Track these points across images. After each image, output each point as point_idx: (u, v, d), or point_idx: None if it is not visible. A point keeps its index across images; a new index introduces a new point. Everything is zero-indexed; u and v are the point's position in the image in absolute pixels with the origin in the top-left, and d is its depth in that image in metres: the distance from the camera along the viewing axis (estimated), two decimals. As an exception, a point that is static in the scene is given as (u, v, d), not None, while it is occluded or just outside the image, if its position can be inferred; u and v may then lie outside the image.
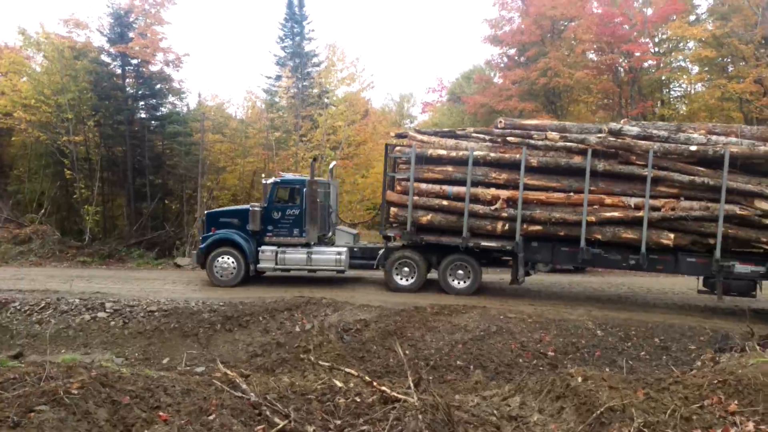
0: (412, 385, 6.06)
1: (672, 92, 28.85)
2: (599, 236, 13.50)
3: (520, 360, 10.96)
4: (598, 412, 5.61)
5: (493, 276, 18.23)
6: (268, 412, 5.49)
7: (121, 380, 6.07)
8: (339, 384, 6.44)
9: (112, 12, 25.32)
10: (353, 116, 28.50)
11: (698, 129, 13.50)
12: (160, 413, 5.41)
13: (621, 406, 5.66)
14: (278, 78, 32.67)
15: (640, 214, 13.06)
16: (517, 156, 13.94)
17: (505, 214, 14.06)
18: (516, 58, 29.27)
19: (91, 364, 9.61)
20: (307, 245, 15.48)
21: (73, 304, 13.39)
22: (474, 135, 15.23)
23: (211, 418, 5.26)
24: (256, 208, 15.50)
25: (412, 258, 15.21)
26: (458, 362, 10.90)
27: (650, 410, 5.66)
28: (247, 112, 30.72)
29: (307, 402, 5.92)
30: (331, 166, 18.40)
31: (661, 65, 25.93)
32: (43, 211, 25.69)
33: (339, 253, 15.47)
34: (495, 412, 6.21)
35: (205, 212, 17.07)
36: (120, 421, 5.20)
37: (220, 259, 15.51)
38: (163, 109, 27.72)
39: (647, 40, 25.41)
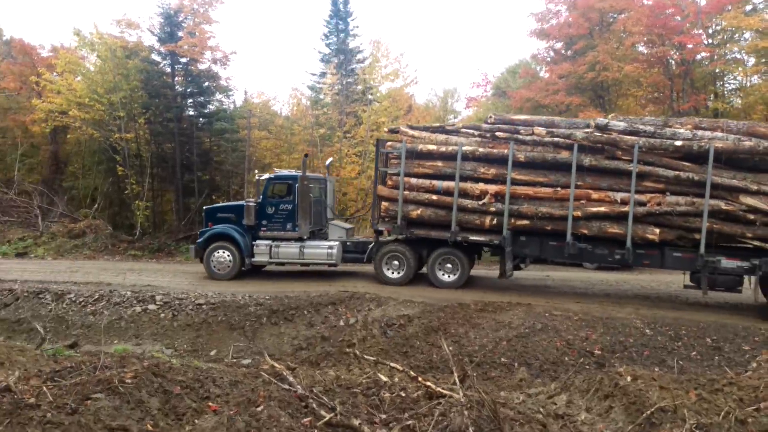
0: (457, 380, 6.04)
1: (726, 85, 27.90)
2: (586, 231, 13.60)
3: (566, 358, 10.80)
4: (649, 412, 5.49)
5: (530, 273, 18.04)
6: (314, 405, 5.55)
7: (172, 371, 6.23)
8: (384, 378, 6.46)
9: (162, 12, 25.93)
10: (397, 112, 28.53)
11: (685, 124, 13.55)
12: (210, 404, 5.53)
13: (672, 407, 5.52)
14: (323, 75, 32.92)
15: (626, 209, 13.12)
16: (505, 151, 14.11)
17: (493, 209, 14.22)
18: (563, 51, 28.77)
19: (143, 355, 9.94)
20: (300, 239, 15.86)
21: (125, 296, 13.81)
22: (464, 130, 15.38)
23: (259, 409, 5.35)
24: (251, 204, 15.92)
25: (401, 251, 15.49)
26: (502, 359, 10.81)
27: (703, 412, 5.51)
28: (292, 109, 31.07)
29: (352, 396, 5.96)
30: (327, 162, 18.93)
31: (715, 57, 25.09)
32: (96, 206, 26.56)
33: (330, 247, 15.81)
34: (541, 409, 6.14)
35: (204, 207, 17.63)
36: (171, 410, 5.34)
37: (216, 253, 15.99)
38: (210, 106, 28.27)
39: (700, 31, 24.64)
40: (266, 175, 16.64)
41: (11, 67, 29.62)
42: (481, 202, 14.26)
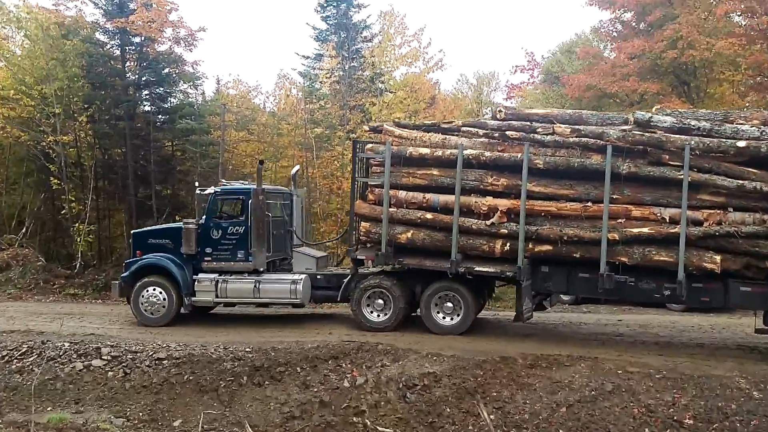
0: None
1: None
2: (625, 259, 13.51)
3: (647, 430, 10.70)
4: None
5: (595, 316, 17.94)
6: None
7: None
8: (406, 458, 6.41)
9: (110, -23, 26.33)
10: (416, 105, 28.67)
11: (750, 119, 13.45)
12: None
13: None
14: (318, 58, 33.17)
15: (677, 229, 13.02)
16: (519, 155, 14.13)
17: (504, 230, 14.22)
18: (633, 24, 28.81)
19: (85, 426, 9.92)
20: (255, 272, 15.91)
21: (61, 349, 13.78)
22: (465, 129, 15.41)
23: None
24: (191, 226, 16.00)
25: (386, 287, 15.48)
26: (561, 431, 10.71)
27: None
28: (280, 102, 31.33)
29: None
30: (293, 171, 18.93)
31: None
32: (24, 230, 26.70)
33: (295, 282, 15.82)
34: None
35: (132, 232, 17.85)
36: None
37: (147, 290, 16.03)
38: (172, 99, 28.60)
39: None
40: (211, 189, 16.75)
41: None
42: (489, 222, 14.27)
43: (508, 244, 14.25)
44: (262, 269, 15.94)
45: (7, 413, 11.85)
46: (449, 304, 15.19)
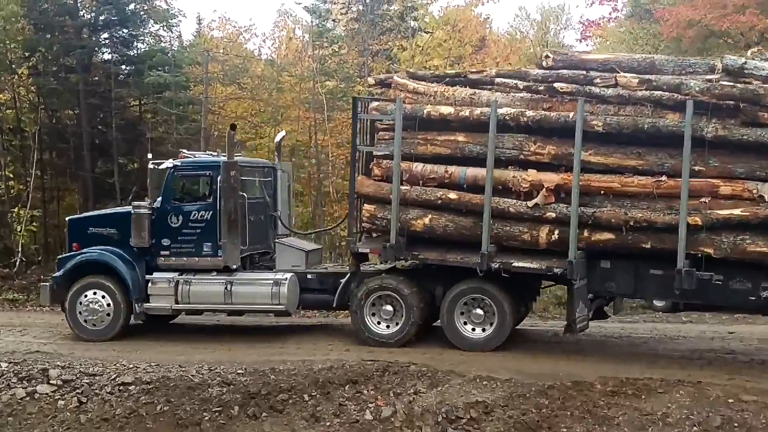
0: None
1: None
2: (710, 250, 13.33)
3: (768, 477, 10.64)
4: None
5: (697, 327, 17.81)
6: None
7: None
8: None
9: None
10: (459, 49, 28.59)
11: None
12: None
13: None
14: (330, -11, 33.16)
15: None
16: (571, 115, 13.88)
17: (552, 214, 14.10)
18: (751, -61, 28.52)
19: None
20: (227, 270, 15.87)
21: (-2, 371, 13.97)
22: (500, 81, 15.25)
23: None
24: (142, 211, 15.94)
25: (397, 289, 15.35)
26: (653, 480, 10.71)
27: None
28: (281, 48, 31.39)
29: None
30: (278, 138, 19.09)
31: None
32: (-53, 217, 26.97)
33: (277, 283, 15.72)
34: None
35: (67, 219, 17.92)
36: None
37: (86, 295, 16.03)
38: (139, 45, 28.80)
39: None
40: (169, 162, 16.57)
41: None
42: (532, 203, 14.17)
43: (556, 232, 14.15)
44: (235, 266, 15.91)
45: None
46: (479, 311, 15.11)
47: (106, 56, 28.10)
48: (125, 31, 27.99)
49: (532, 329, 17.82)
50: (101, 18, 27.45)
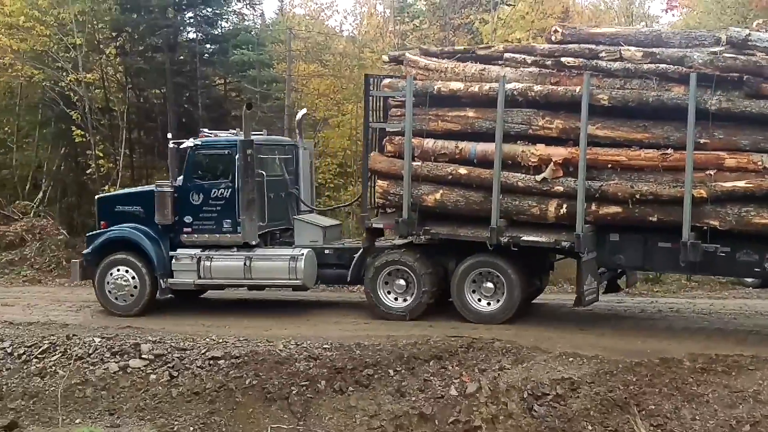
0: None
1: None
2: (716, 222, 13.47)
3: None
4: None
5: None
6: None
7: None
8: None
9: None
10: (542, 22, 28.23)
11: None
12: None
13: None
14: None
15: None
16: (578, 89, 14.06)
17: (560, 188, 14.31)
18: None
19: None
20: (246, 246, 16.24)
21: (91, 345, 14.19)
22: (509, 56, 15.54)
23: None
24: (165, 189, 16.42)
25: (409, 264, 15.63)
26: (744, 457, 10.53)
27: None
28: (362, 24, 31.34)
29: None
30: (299, 116, 19.29)
31: None
32: (40, 195, 27.46)
33: (294, 259, 16.04)
34: None
35: (96, 197, 18.49)
36: None
37: (113, 271, 16.49)
38: (224, 24, 29.06)
39: None
40: (190, 141, 16.98)
41: None
42: (540, 177, 14.36)
43: (564, 206, 14.37)
44: (254, 242, 16.32)
45: (26, 426, 12.33)
46: (489, 285, 15.37)
47: (191, 35, 28.39)
48: (209, 9, 28.20)
49: (619, 305, 17.64)
50: (186, -1, 27.75)
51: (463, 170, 14.94)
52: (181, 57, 27.23)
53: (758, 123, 13.26)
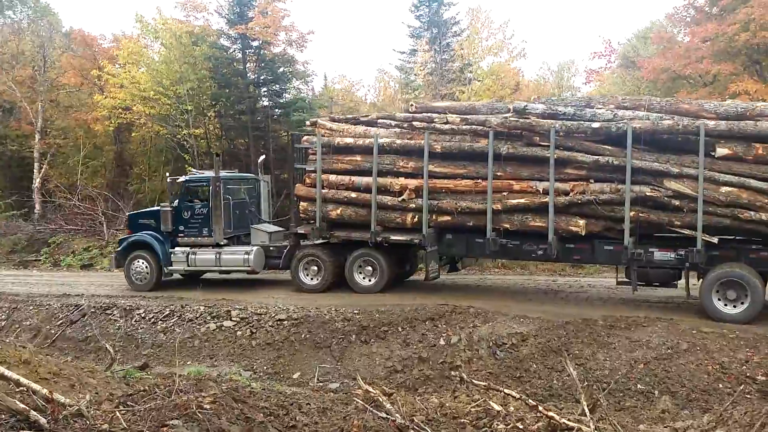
0: (586, 410, 5.92)
1: None
2: (507, 225, 14.39)
3: (720, 385, 10.38)
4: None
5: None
6: (415, 437, 5.61)
7: (253, 396, 6.47)
8: (497, 407, 6.43)
9: (231, -10, 26.96)
10: (501, 91, 28.27)
11: (607, 104, 14.24)
12: (297, 433, 5.69)
13: None
14: (413, 53, 33.09)
15: (548, 199, 13.77)
16: (422, 142, 14.87)
17: (413, 205, 15.13)
18: (706, 9, 27.47)
19: (220, 378, 10.36)
20: (218, 245, 16.88)
21: (198, 312, 14.45)
22: (380, 121, 16.28)
23: (352, 440, 5.46)
24: (167, 209, 17.18)
25: (317, 255, 16.32)
26: (639, 386, 10.56)
27: None
28: (379, 94, 31.50)
29: (460, 427, 5.97)
30: (260, 160, 19.69)
31: None
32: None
33: (247, 253, 16.74)
34: (691, 447, 5.92)
35: (127, 214, 19.29)
36: (255, 440, 5.54)
37: (135, 262, 17.29)
38: (286, 95, 29.14)
39: None
40: (182, 178, 17.79)
41: (71, 61, 31.46)
42: (400, 199, 15.16)
43: (416, 217, 15.13)
44: (222, 243, 16.89)
45: (154, 367, 12.53)
46: (369, 268, 16.00)
47: (265, 103, 28.55)
48: (277, 86, 28.44)
49: (554, 283, 17.62)
50: (261, 77, 27.92)
51: (354, 195, 15.68)
52: (258, 118, 27.37)
53: (533, 161, 14.17)
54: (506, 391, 7.14)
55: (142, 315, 14.67)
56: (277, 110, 28.49)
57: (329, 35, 75.81)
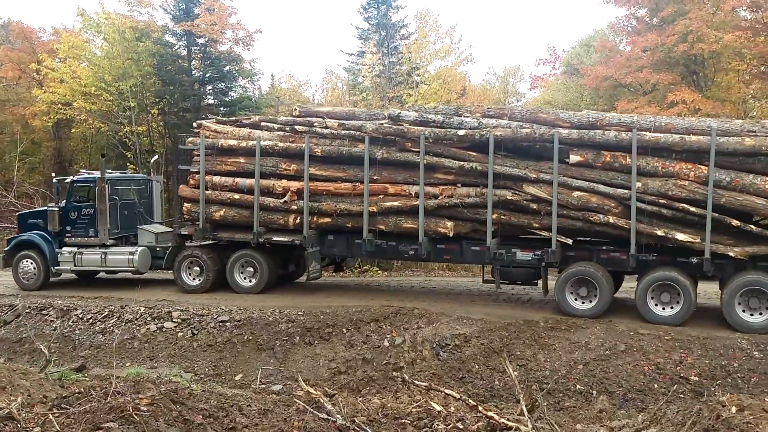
0: (525, 410, 6.00)
1: None
2: (383, 226, 14.74)
3: (656, 385, 10.65)
4: (758, 450, 5.35)
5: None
6: (356, 438, 5.60)
7: (193, 397, 6.36)
8: (438, 407, 6.46)
9: (177, -15, 26.56)
10: (448, 95, 28.51)
11: (474, 112, 14.73)
12: (236, 435, 5.62)
13: (788, 444, 5.37)
14: (361, 54, 33.11)
15: (418, 202, 14.21)
16: (303, 145, 15.07)
17: (295, 207, 15.26)
18: (647, 20, 28.20)
19: (160, 379, 10.15)
20: (104, 245, 16.70)
21: (138, 312, 14.17)
22: (263, 123, 16.49)
23: (292, 442, 5.42)
24: (54, 209, 16.92)
25: (199, 256, 16.23)
26: (578, 386, 10.74)
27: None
28: (327, 95, 31.34)
29: (401, 427, 5.98)
30: (152, 160, 19.71)
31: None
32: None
33: (132, 254, 16.61)
34: (626, 446, 6.05)
35: (17, 214, 18.95)
36: (193, 442, 5.45)
37: (23, 262, 17.05)
38: (233, 93, 28.87)
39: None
40: (69, 178, 17.56)
41: (9, 54, 30.67)
42: (282, 201, 15.27)
43: (298, 218, 15.23)
44: (108, 243, 16.67)
45: (92, 368, 12.21)
46: (250, 269, 16.00)
47: (210, 101, 28.32)
48: (223, 84, 28.24)
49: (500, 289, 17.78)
50: (207, 75, 27.62)
51: (237, 196, 15.65)
52: (203, 116, 26.94)
53: (406, 166, 14.51)
54: (447, 391, 7.19)
55: (80, 315, 14.31)
56: (222, 109, 28.14)
57: (277, 34, 75.27)
